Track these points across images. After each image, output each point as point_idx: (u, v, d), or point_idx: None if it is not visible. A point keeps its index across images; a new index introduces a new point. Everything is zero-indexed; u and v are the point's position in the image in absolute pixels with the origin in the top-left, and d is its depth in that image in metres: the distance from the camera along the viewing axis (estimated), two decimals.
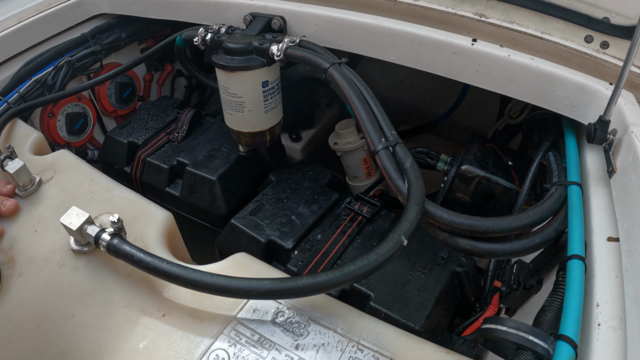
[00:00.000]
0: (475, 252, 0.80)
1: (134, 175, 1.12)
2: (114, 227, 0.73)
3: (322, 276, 0.64)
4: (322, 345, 0.66)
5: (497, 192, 1.01)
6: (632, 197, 0.69)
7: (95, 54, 1.26)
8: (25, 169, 0.85)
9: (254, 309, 0.70)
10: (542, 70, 0.87)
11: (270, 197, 1.05)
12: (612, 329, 0.57)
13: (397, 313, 0.85)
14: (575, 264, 0.67)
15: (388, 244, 0.68)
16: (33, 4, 1.17)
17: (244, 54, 0.94)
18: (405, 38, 0.94)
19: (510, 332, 0.65)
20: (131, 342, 0.67)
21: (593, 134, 0.79)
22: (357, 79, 0.90)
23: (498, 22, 0.91)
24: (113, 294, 0.73)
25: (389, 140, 0.83)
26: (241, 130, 1.02)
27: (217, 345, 0.66)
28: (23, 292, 0.75)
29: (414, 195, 0.75)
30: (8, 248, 0.80)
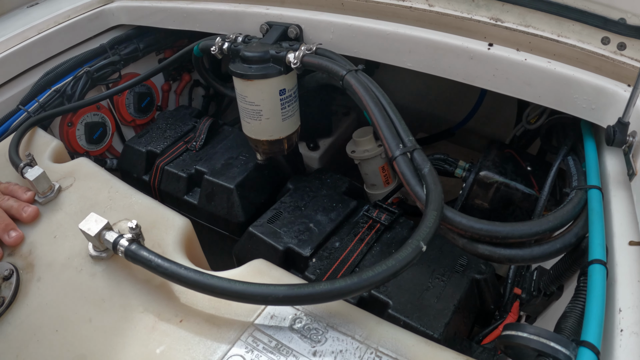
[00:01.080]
0: (495, 258, 0.79)
1: (153, 184, 1.13)
2: (132, 233, 0.74)
3: (340, 282, 0.64)
4: (339, 352, 0.65)
5: (516, 198, 1.00)
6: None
7: (114, 64, 1.28)
8: (44, 176, 0.87)
9: (271, 315, 0.70)
10: (560, 73, 0.86)
11: (288, 205, 1.05)
12: (635, 334, 0.56)
13: (416, 321, 0.84)
14: (596, 269, 0.66)
15: (407, 249, 0.67)
16: (52, 15, 1.20)
17: (261, 62, 0.94)
18: (421, 44, 0.94)
19: (531, 339, 0.64)
20: (148, 347, 0.67)
21: (612, 137, 0.78)
22: (374, 85, 0.90)
23: (514, 26, 0.90)
24: (131, 299, 0.73)
25: (406, 146, 0.82)
26: (259, 138, 1.03)
27: (234, 351, 0.66)
28: (41, 297, 0.75)
29: (433, 201, 0.74)
30: (27, 254, 0.81)
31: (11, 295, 0.76)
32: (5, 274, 0.77)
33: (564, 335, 0.64)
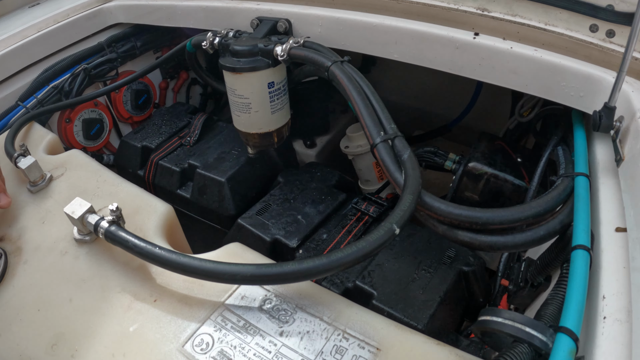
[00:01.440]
0: (476, 244, 0.78)
1: (147, 178, 1.16)
2: (113, 215, 0.76)
3: (309, 262, 0.64)
4: (306, 333, 0.65)
5: (506, 190, 0.98)
6: (639, 184, 0.66)
7: (111, 62, 1.31)
8: (36, 165, 0.90)
9: (242, 295, 0.70)
10: (546, 61, 0.85)
11: (278, 197, 1.05)
12: (619, 322, 0.54)
13: (400, 312, 0.83)
14: (579, 254, 0.64)
15: (379, 232, 0.67)
16: (52, 14, 1.23)
17: (250, 55, 0.96)
18: (407, 35, 0.94)
19: (506, 324, 0.62)
20: (122, 325, 0.69)
21: (598, 122, 0.76)
22: (359, 76, 0.90)
23: (501, 16, 0.90)
24: (110, 280, 0.75)
25: (387, 134, 0.83)
26: (248, 131, 1.04)
27: (203, 330, 0.66)
28: (26, 279, 0.78)
29: (409, 185, 0.74)
30: (16, 238, 0.84)
31: None
32: None
33: (543, 322, 0.62)
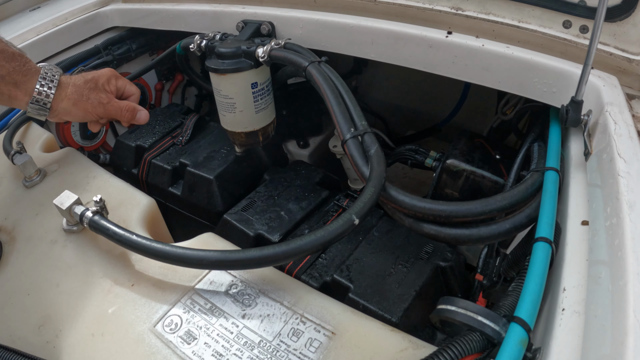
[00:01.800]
0: (441, 237, 0.79)
1: (140, 177, 1.20)
2: (97, 206, 0.81)
3: (269, 249, 0.67)
4: (267, 316, 0.68)
5: (485, 186, 0.99)
6: (603, 177, 0.67)
7: (107, 64, 1.36)
8: (31, 162, 0.96)
9: (211, 281, 0.74)
10: (518, 57, 0.87)
11: (263, 194, 1.09)
12: (577, 313, 0.55)
13: (375, 305, 0.85)
14: (539, 246, 0.66)
15: (338, 222, 0.70)
16: (50, 18, 1.29)
17: (234, 57, 1.00)
18: (382, 35, 0.97)
19: (459, 312, 0.64)
20: (102, 307, 0.74)
21: (565, 116, 0.78)
22: (334, 75, 0.94)
23: (475, 15, 0.92)
24: (93, 266, 0.80)
25: (358, 130, 0.85)
26: (234, 130, 1.08)
27: (173, 312, 0.71)
28: (18, 266, 0.83)
29: (373, 178, 0.77)
30: (11, 229, 0.89)
31: None
32: None
33: (500, 312, 0.63)
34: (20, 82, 0.84)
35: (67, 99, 0.88)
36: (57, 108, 0.88)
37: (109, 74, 0.95)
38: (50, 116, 0.89)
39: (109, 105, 0.92)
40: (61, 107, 0.88)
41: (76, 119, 0.93)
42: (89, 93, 0.90)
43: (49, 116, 0.89)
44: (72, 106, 0.88)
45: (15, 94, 0.85)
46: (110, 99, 0.92)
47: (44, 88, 0.85)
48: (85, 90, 0.90)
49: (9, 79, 0.83)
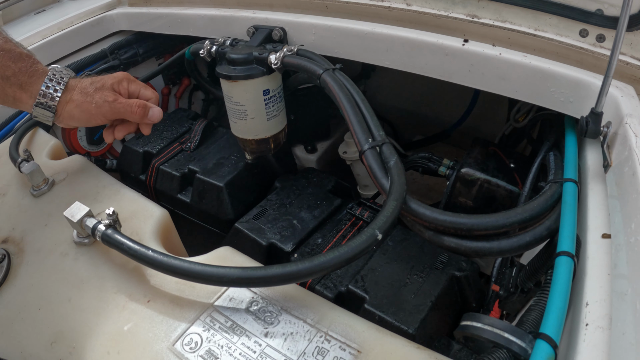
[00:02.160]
0: (461, 250, 0.78)
1: (149, 183, 1.19)
2: (109, 219, 0.79)
3: (292, 266, 0.66)
4: (290, 334, 0.67)
5: (499, 195, 0.99)
6: (624, 190, 0.66)
7: (114, 69, 1.34)
8: (38, 170, 0.93)
9: (230, 298, 0.73)
10: (535, 67, 0.86)
11: (274, 202, 1.08)
12: (600, 329, 0.55)
13: (391, 316, 0.84)
14: (562, 261, 0.65)
15: (361, 237, 0.69)
16: (56, 21, 1.27)
17: (245, 63, 0.98)
18: (397, 42, 0.95)
19: (485, 329, 0.64)
20: (117, 324, 0.72)
21: (585, 127, 0.77)
22: (350, 83, 0.92)
23: (491, 22, 0.91)
24: (106, 281, 0.78)
25: (376, 140, 0.84)
26: (245, 137, 1.07)
27: (192, 330, 0.69)
28: (28, 279, 0.81)
29: (394, 191, 0.76)
30: (19, 240, 0.87)
31: (1, 277, 0.82)
32: None
33: (524, 328, 0.63)
34: (26, 83, 0.81)
35: (71, 101, 0.84)
36: (62, 112, 0.84)
37: (120, 76, 0.89)
38: (56, 120, 0.85)
39: (115, 103, 0.85)
40: (66, 110, 0.84)
41: (81, 123, 0.87)
42: (94, 93, 0.85)
43: (56, 120, 0.85)
44: (75, 108, 0.84)
45: (20, 96, 0.82)
46: (117, 97, 0.86)
47: (49, 90, 0.81)
48: (91, 90, 0.85)
49: (14, 80, 0.80)
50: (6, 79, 0.79)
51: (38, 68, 0.82)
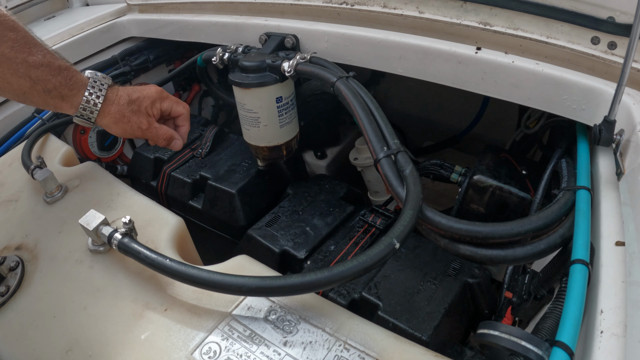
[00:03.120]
0: (477, 258, 0.79)
1: (160, 189, 1.19)
2: (126, 227, 0.79)
3: (311, 275, 0.66)
4: (309, 343, 0.67)
5: (511, 202, 0.99)
6: (637, 197, 0.67)
7: (125, 75, 1.35)
8: (52, 178, 0.94)
9: (248, 306, 0.73)
10: (548, 74, 0.86)
11: (287, 209, 1.08)
12: (615, 336, 0.55)
13: (405, 323, 0.84)
14: (577, 269, 0.65)
15: (379, 246, 0.69)
16: (67, 28, 1.28)
17: (258, 71, 0.99)
18: (410, 50, 0.96)
19: (503, 337, 0.64)
20: (134, 333, 0.72)
21: (598, 135, 0.77)
22: (363, 91, 0.92)
23: (503, 30, 0.91)
24: (122, 289, 0.78)
25: (391, 149, 0.84)
26: (258, 144, 1.07)
27: (210, 339, 0.69)
28: (42, 286, 0.81)
29: (410, 200, 0.76)
30: (33, 247, 0.88)
31: (16, 284, 0.82)
32: (12, 265, 0.84)
33: (541, 336, 0.63)
34: (67, 95, 0.84)
35: (109, 115, 0.88)
36: (100, 123, 0.89)
37: (154, 96, 0.93)
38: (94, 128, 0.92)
39: (147, 131, 0.92)
40: (103, 122, 0.89)
41: (115, 134, 0.93)
42: (131, 115, 0.90)
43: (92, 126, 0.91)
44: (112, 124, 0.89)
45: (62, 106, 0.85)
46: (150, 125, 0.92)
47: (89, 104, 0.85)
48: (127, 112, 0.89)
49: (55, 93, 0.83)
50: (48, 92, 0.82)
51: (77, 79, 0.85)
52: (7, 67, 0.79)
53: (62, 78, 0.83)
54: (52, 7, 1.46)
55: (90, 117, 0.86)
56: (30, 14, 1.39)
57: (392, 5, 1.00)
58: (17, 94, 0.82)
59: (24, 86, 0.80)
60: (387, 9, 1.00)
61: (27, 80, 0.80)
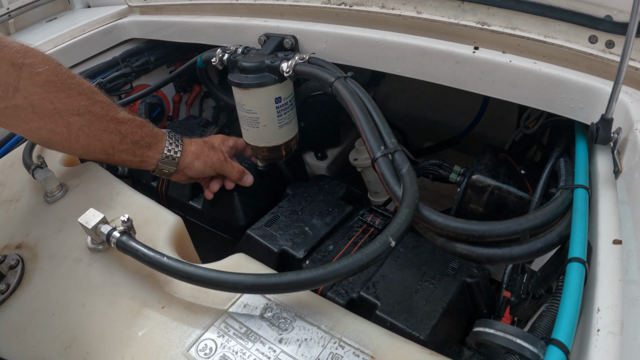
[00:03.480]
0: (473, 257, 0.79)
1: (160, 190, 1.20)
2: (124, 225, 0.80)
3: (307, 273, 0.66)
4: (304, 340, 0.67)
5: (510, 202, 0.99)
6: (635, 196, 0.67)
7: (126, 76, 1.36)
8: (52, 177, 0.95)
9: (244, 304, 0.73)
10: (545, 73, 0.86)
11: (286, 209, 1.08)
12: (612, 334, 0.55)
13: (403, 322, 0.84)
14: (574, 267, 0.65)
15: (375, 244, 0.69)
16: (68, 29, 1.29)
17: (257, 71, 0.99)
18: (408, 50, 0.96)
19: (498, 335, 0.64)
20: (131, 330, 0.73)
21: (596, 134, 0.77)
22: (362, 91, 0.93)
23: (501, 29, 0.91)
24: (121, 287, 0.79)
25: (388, 148, 0.84)
26: (257, 145, 1.08)
27: (206, 336, 0.69)
28: (42, 284, 0.82)
29: (406, 199, 0.76)
30: (33, 246, 0.88)
31: (15, 282, 0.83)
32: (12, 264, 0.85)
33: (536, 334, 0.63)
34: (152, 143, 0.96)
35: (191, 154, 1.01)
36: (182, 162, 1.00)
37: (222, 136, 1.10)
38: (176, 171, 1.01)
39: (225, 163, 1.05)
40: (186, 161, 1.00)
41: (196, 172, 1.03)
42: (208, 151, 1.03)
43: (176, 171, 1.01)
44: (194, 160, 1.01)
45: (148, 154, 0.96)
46: (226, 158, 1.06)
47: (172, 146, 0.98)
48: (205, 148, 1.03)
49: (142, 143, 0.95)
50: (136, 143, 0.94)
51: (157, 131, 0.99)
52: (99, 124, 0.89)
53: (146, 129, 0.96)
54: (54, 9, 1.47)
55: (174, 158, 0.98)
56: (32, 16, 1.41)
57: (391, 5, 1.00)
58: (106, 150, 0.92)
59: (114, 140, 0.91)
60: (385, 9, 1.00)
61: (117, 135, 0.91)
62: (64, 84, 0.85)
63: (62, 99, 0.84)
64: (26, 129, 0.86)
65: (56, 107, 0.84)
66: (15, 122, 0.84)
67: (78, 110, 0.86)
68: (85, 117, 0.87)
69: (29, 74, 0.81)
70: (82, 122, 0.87)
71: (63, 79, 0.85)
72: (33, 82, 0.81)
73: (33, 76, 0.81)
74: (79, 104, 0.86)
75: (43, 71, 0.82)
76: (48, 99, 0.83)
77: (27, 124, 0.84)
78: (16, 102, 0.81)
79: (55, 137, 0.87)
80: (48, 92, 0.83)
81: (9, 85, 0.79)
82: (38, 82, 0.82)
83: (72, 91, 0.86)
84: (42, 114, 0.83)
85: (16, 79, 0.80)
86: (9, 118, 0.83)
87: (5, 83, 0.79)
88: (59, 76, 0.84)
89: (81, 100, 0.87)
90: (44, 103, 0.83)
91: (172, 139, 0.99)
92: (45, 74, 0.83)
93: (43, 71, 0.82)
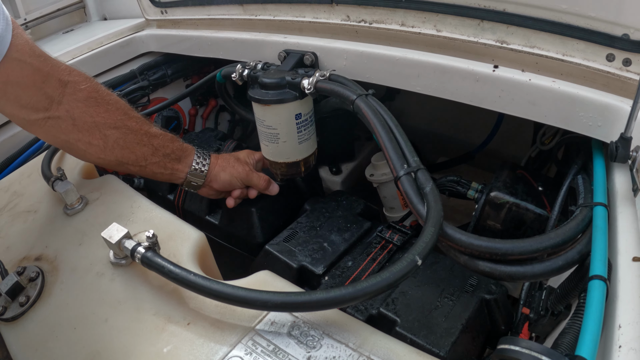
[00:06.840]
0: (496, 274, 0.79)
1: (177, 203, 1.20)
2: (149, 241, 0.80)
3: (335, 291, 0.67)
4: (333, 358, 0.68)
5: (528, 219, 0.99)
6: None
7: (143, 89, 1.38)
8: (73, 190, 0.95)
9: (272, 321, 0.73)
10: (564, 92, 0.87)
11: (304, 225, 1.08)
12: (634, 350, 0.55)
13: (423, 339, 0.84)
14: (595, 285, 0.66)
15: (402, 263, 0.70)
16: (86, 42, 1.30)
17: (278, 88, 1.00)
18: (429, 68, 0.97)
19: (523, 352, 0.64)
20: (156, 346, 0.73)
21: (615, 152, 0.78)
22: (383, 109, 0.94)
23: (519, 48, 0.92)
24: (144, 303, 0.79)
25: (411, 167, 0.85)
26: (276, 160, 1.08)
27: (234, 353, 0.69)
28: (63, 298, 0.82)
29: (431, 217, 0.77)
30: (53, 258, 0.89)
31: (36, 294, 0.83)
32: (32, 276, 0.85)
33: (560, 351, 0.63)
34: (182, 157, 1.02)
35: (218, 166, 1.06)
36: (210, 175, 1.05)
37: (248, 151, 1.15)
38: (204, 184, 1.06)
39: (251, 173, 1.09)
40: (213, 173, 1.05)
41: (222, 184, 1.07)
42: (235, 163, 1.08)
43: (204, 184, 1.06)
44: (221, 172, 1.06)
45: (177, 167, 1.01)
46: (252, 169, 1.10)
47: (200, 159, 1.04)
48: (232, 160, 1.09)
49: (173, 155, 1.01)
50: (167, 156, 1.00)
51: (187, 146, 1.05)
52: (134, 137, 0.95)
53: (177, 144, 1.02)
54: (71, 20, 1.48)
55: (202, 171, 1.04)
56: (49, 27, 1.42)
57: (410, 23, 1.01)
58: (138, 162, 0.97)
59: (146, 153, 0.97)
60: (405, 27, 1.01)
61: (149, 148, 0.97)
62: (103, 100, 0.91)
63: (100, 113, 0.91)
64: (65, 140, 0.91)
65: (95, 120, 0.90)
66: (56, 133, 0.90)
67: (115, 124, 0.92)
68: (121, 130, 0.93)
69: (72, 90, 0.88)
70: (117, 135, 0.92)
71: (102, 95, 0.92)
72: (76, 98, 0.88)
73: (76, 92, 0.89)
74: (116, 118, 0.92)
75: (85, 88, 0.90)
76: (88, 113, 0.90)
77: (67, 135, 0.90)
78: (58, 114, 0.88)
79: (92, 149, 0.92)
80: (88, 106, 0.90)
81: (54, 99, 0.87)
82: (80, 97, 0.89)
83: (110, 106, 0.92)
84: (82, 126, 0.90)
85: (60, 94, 0.87)
86: (50, 128, 0.89)
87: (51, 97, 0.86)
88: (99, 93, 0.92)
89: (118, 115, 0.93)
90: (84, 116, 0.89)
91: (200, 153, 1.04)
92: (87, 90, 0.90)
93: (85, 88, 0.90)
